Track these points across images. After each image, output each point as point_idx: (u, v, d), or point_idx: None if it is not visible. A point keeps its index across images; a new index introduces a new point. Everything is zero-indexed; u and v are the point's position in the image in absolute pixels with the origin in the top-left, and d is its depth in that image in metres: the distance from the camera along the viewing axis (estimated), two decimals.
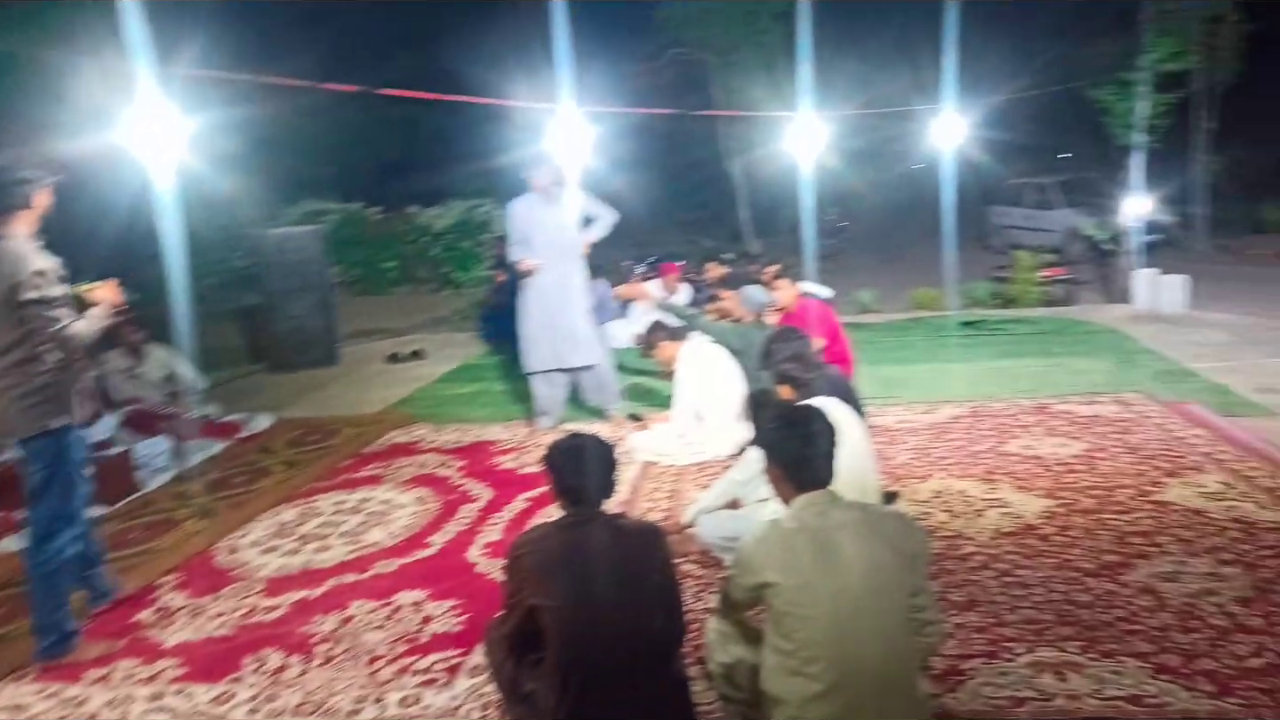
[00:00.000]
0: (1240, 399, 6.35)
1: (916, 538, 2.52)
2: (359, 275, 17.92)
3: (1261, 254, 15.97)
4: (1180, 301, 9.90)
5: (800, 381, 4.08)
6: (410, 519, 5.05)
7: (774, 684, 2.45)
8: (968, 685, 3.10)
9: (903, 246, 19.58)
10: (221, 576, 4.44)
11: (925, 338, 9.48)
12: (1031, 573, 3.89)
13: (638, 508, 4.98)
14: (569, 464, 2.78)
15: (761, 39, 20.08)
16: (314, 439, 6.78)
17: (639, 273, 12.14)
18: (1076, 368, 7.60)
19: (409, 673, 3.43)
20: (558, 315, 6.47)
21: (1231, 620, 3.39)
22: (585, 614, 2.62)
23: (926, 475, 5.19)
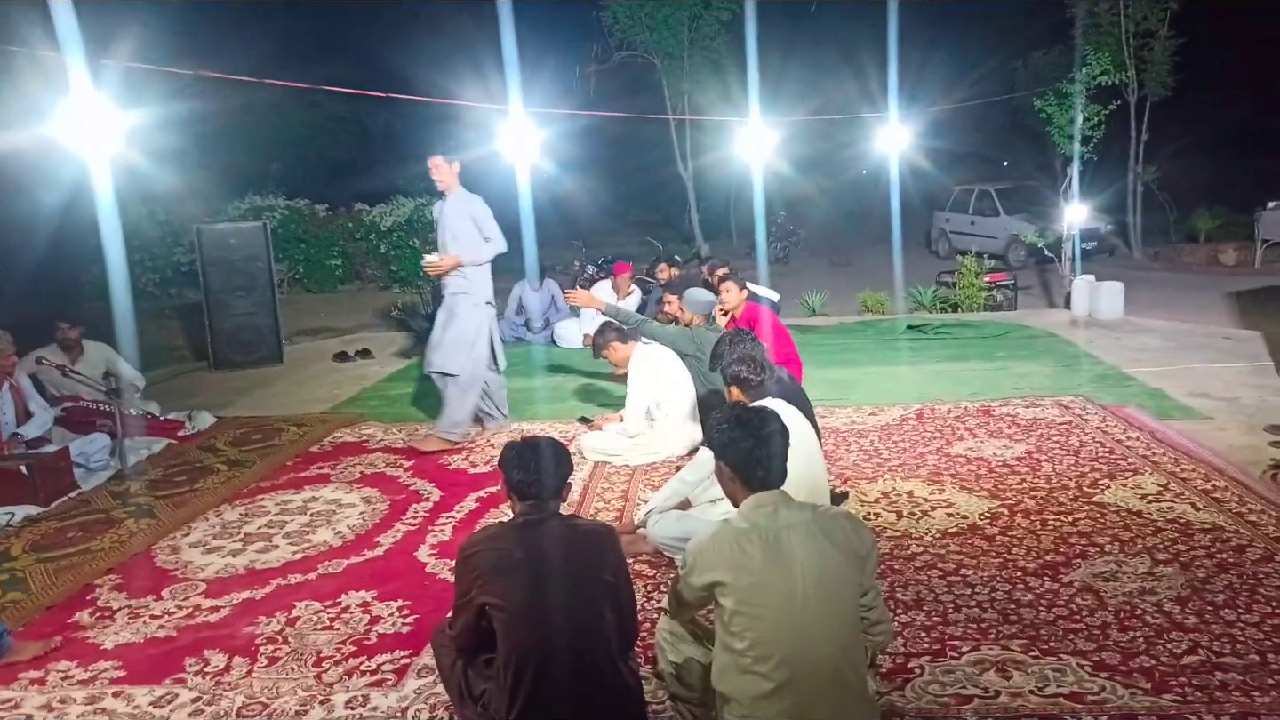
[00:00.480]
0: (1175, 403, 6.54)
1: (865, 538, 2.55)
2: (305, 272, 17.65)
3: (1193, 262, 16.47)
4: (1117, 308, 10.17)
5: (751, 383, 4.12)
6: (358, 519, 4.98)
7: (725, 683, 2.46)
8: (914, 683, 3.15)
9: (851, 251, 19.84)
10: (162, 577, 4.34)
11: (872, 341, 9.62)
12: (976, 572, 3.97)
13: (589, 508, 4.98)
14: (523, 461, 2.78)
15: (709, 44, 20.22)
16: (258, 438, 6.66)
17: (590, 273, 12.13)
18: (1019, 371, 7.77)
19: (356, 674, 3.38)
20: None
21: (1168, 618, 3.49)
22: (537, 614, 2.61)
23: (874, 476, 5.26)
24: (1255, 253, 15.66)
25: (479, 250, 6.13)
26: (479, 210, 6.17)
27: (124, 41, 8.07)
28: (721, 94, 19.64)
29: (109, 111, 6.32)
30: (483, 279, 6.21)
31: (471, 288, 6.15)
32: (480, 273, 6.19)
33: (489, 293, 6.26)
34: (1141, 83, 16.76)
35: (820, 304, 11.72)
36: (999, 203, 18.67)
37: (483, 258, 6.16)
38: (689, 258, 16.08)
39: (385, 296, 15.49)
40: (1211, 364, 7.71)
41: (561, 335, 10.06)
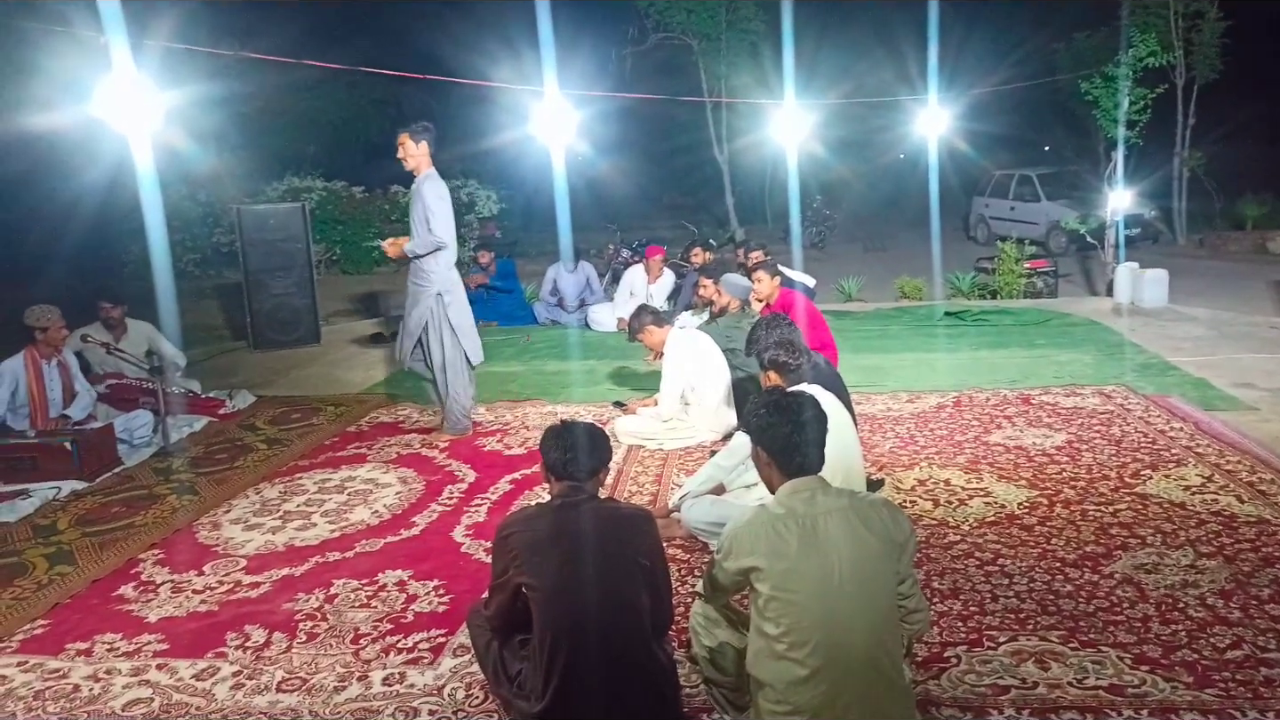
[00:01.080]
0: (1220, 393, 6.42)
1: (903, 526, 2.53)
2: (341, 254, 17.80)
3: (1239, 250, 16.13)
4: (1160, 296, 9.99)
5: (789, 367, 4.09)
6: (394, 498, 5.03)
7: (759, 668, 2.45)
8: (951, 672, 3.13)
9: (887, 236, 19.65)
10: (204, 552, 4.41)
11: (909, 328, 9.52)
12: (1014, 562, 3.92)
13: (623, 492, 4.99)
14: (560, 441, 2.79)
15: (746, 26, 20.03)
16: (297, 417, 6.74)
17: (625, 256, 12.11)
18: (1059, 359, 7.66)
19: (393, 651, 3.42)
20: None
21: (1211, 612, 3.43)
22: (572, 595, 2.62)
23: (911, 464, 5.22)
24: None
25: (422, 240, 5.82)
26: (429, 196, 5.81)
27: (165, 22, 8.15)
28: (758, 77, 19.47)
29: (150, 92, 6.41)
30: (435, 269, 5.87)
31: (422, 277, 5.90)
32: (431, 262, 5.86)
33: (442, 283, 5.89)
34: (1189, 65, 16.39)
35: (856, 289, 11.63)
36: (1040, 188, 18.38)
37: (420, 250, 5.83)
38: (724, 242, 16.02)
39: None
40: (1257, 354, 7.55)
41: (595, 319, 10.07)
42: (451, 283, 5.96)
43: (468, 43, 19.59)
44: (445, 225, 5.83)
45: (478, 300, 10.65)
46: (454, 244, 5.96)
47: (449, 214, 5.88)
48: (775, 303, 6.45)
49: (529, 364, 8.41)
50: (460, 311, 5.99)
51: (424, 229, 5.81)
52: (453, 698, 3.12)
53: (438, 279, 5.89)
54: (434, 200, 5.80)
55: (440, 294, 5.90)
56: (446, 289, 5.92)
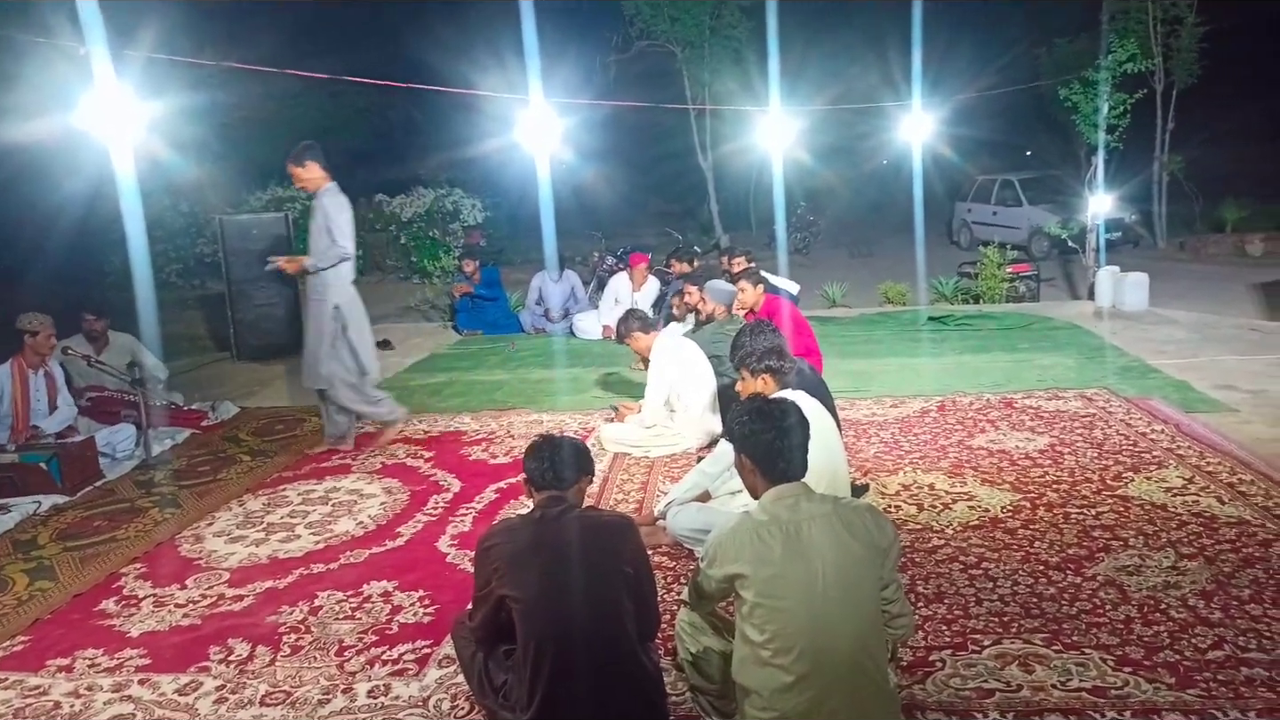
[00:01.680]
0: (1201, 395, 6.47)
1: (887, 531, 2.54)
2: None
3: (1219, 253, 16.27)
4: (1141, 299, 10.06)
5: (780, 372, 4.10)
6: (379, 509, 5.01)
7: (744, 675, 2.46)
8: (936, 676, 3.14)
9: (872, 242, 19.73)
10: (187, 566, 4.38)
11: (893, 333, 9.56)
12: (998, 566, 3.94)
13: (608, 499, 4.98)
14: (540, 453, 2.80)
15: (730, 33, 20.11)
16: (280, 428, 6.71)
17: (609, 263, 12.12)
18: (1042, 363, 7.71)
19: (378, 663, 3.41)
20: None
21: (1192, 613, 3.46)
22: (555, 605, 2.62)
23: (895, 469, 5.24)
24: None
25: (324, 253, 5.76)
26: (330, 208, 5.75)
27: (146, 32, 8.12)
28: (742, 83, 19.54)
29: (132, 102, 6.38)
30: (335, 281, 5.81)
31: (317, 291, 5.83)
32: (333, 274, 5.79)
33: (339, 295, 5.82)
34: (1168, 70, 16.55)
35: (840, 295, 11.67)
36: (1022, 193, 18.51)
37: (322, 263, 5.76)
38: (708, 248, 16.05)
39: (406, 287, 15.55)
40: (1238, 356, 7.62)
41: (580, 327, 10.07)
42: (350, 296, 5.89)
43: (453, 50, 19.59)
44: (349, 236, 5.78)
45: (463, 309, 10.70)
46: (353, 260, 5.93)
47: (351, 225, 5.84)
48: (761, 309, 6.47)
49: (514, 372, 8.41)
50: (358, 323, 5.92)
51: (326, 240, 5.74)
52: (438, 709, 3.11)
53: (334, 292, 5.81)
54: (335, 211, 5.75)
55: (338, 305, 5.82)
56: (344, 301, 5.85)
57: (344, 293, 5.88)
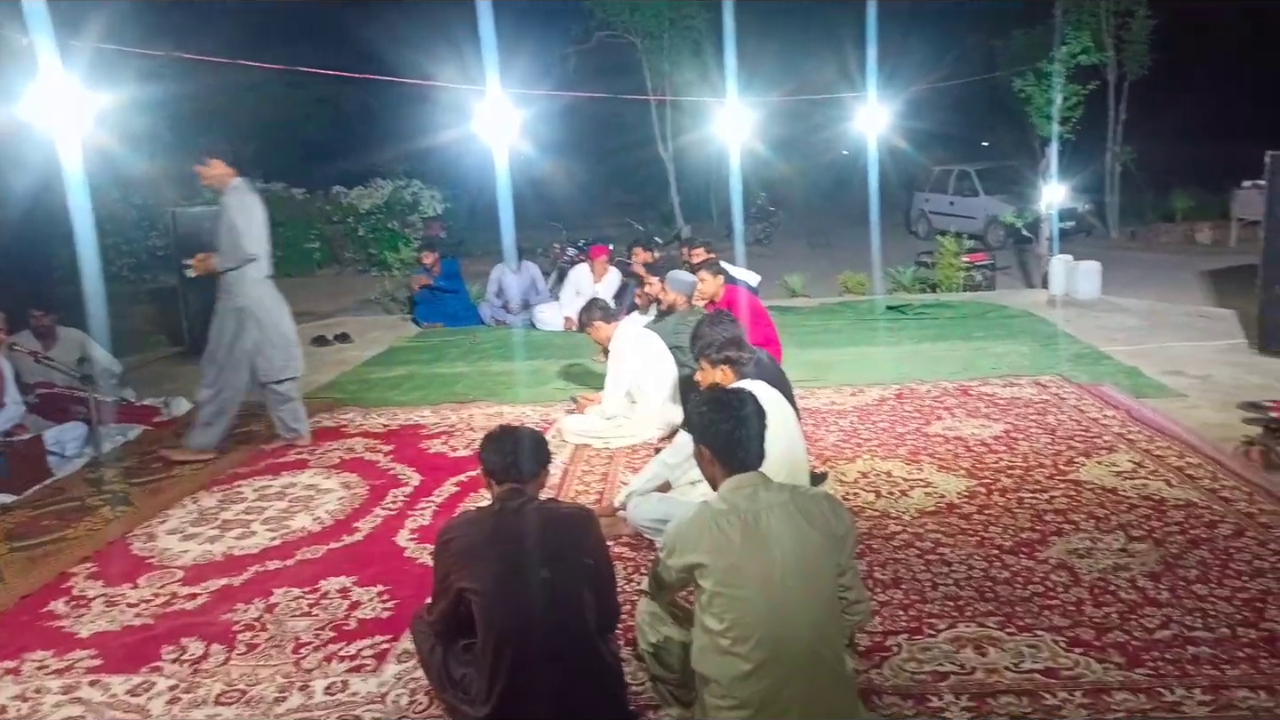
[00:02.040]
0: (1150, 381, 6.60)
1: (843, 518, 2.56)
2: (282, 256, 17.51)
3: (1169, 241, 16.59)
4: (1093, 287, 10.23)
5: (740, 363, 4.11)
6: (337, 504, 4.96)
7: (704, 664, 2.47)
8: (892, 661, 3.17)
9: (831, 232, 19.86)
10: (139, 564, 4.31)
11: (852, 322, 9.64)
12: (953, 551, 4.00)
13: (569, 491, 4.98)
14: (500, 446, 2.79)
15: (689, 24, 20.11)
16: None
17: (570, 255, 12.08)
18: (997, 351, 7.82)
19: (335, 659, 3.37)
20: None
21: (1141, 594, 3.53)
22: (515, 598, 2.61)
23: (854, 457, 5.29)
24: (1230, 232, 15.80)
25: (228, 254, 5.58)
26: (231, 209, 5.56)
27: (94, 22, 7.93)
28: (702, 74, 19.57)
29: (79, 93, 6.23)
30: (240, 283, 5.62)
31: (226, 293, 5.67)
32: (238, 276, 5.61)
33: (246, 298, 5.64)
34: (1120, 62, 16.83)
35: (800, 285, 11.74)
36: (978, 183, 18.74)
37: (227, 264, 5.58)
38: (669, 239, 16.05)
39: (365, 280, 15.39)
40: (1186, 342, 7.78)
41: (541, 318, 10.04)
42: (258, 298, 5.69)
43: (409, 41, 19.40)
44: (253, 237, 5.57)
45: (422, 301, 10.61)
46: (265, 258, 5.72)
47: (257, 225, 5.61)
48: (721, 300, 6.49)
49: (475, 365, 8.36)
50: (264, 328, 5.70)
51: (230, 241, 5.57)
52: (396, 704, 3.09)
53: (241, 294, 5.63)
54: (236, 213, 5.56)
55: (241, 308, 5.64)
56: (251, 303, 5.66)
57: (251, 294, 5.64)
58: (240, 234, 5.54)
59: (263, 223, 5.71)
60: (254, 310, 5.68)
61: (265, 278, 5.77)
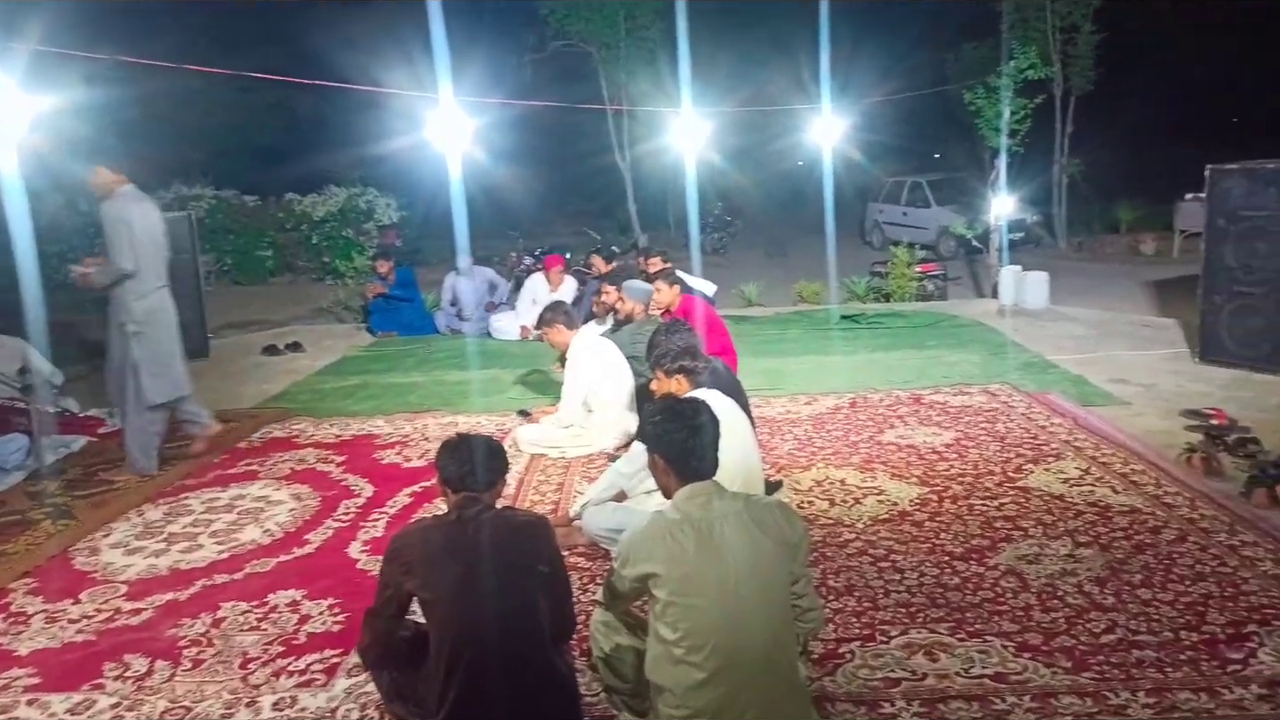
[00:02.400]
0: (1097, 389, 6.73)
1: (796, 527, 2.58)
2: (233, 264, 17.26)
3: (1114, 252, 16.96)
4: (1042, 297, 10.42)
5: (694, 372, 4.12)
6: (287, 516, 4.88)
7: (658, 673, 2.47)
8: (845, 667, 3.20)
9: (787, 241, 20.02)
10: (81, 579, 4.20)
11: (807, 331, 9.72)
12: (905, 558, 4.04)
13: (525, 501, 4.95)
14: (457, 454, 2.75)
15: (644, 34, 20.18)
16: (183, 434, 6.47)
17: (527, 264, 12.05)
18: (948, 360, 7.93)
19: (284, 674, 3.32)
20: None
21: (1088, 599, 3.60)
22: (471, 607, 2.59)
23: (808, 465, 5.32)
24: (1173, 243, 16.20)
25: (107, 268, 5.37)
26: (106, 222, 5.35)
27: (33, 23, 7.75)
28: (657, 84, 19.64)
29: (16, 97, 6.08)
30: (122, 299, 5.41)
31: (111, 307, 5.47)
32: (120, 291, 5.40)
33: (128, 314, 5.42)
34: (1066, 77, 17.19)
35: (756, 294, 11.81)
36: (930, 194, 19.02)
37: (103, 279, 5.39)
38: (626, 248, 16.08)
39: (318, 289, 15.20)
40: (1131, 351, 7.95)
41: (498, 327, 9.99)
42: (141, 314, 5.45)
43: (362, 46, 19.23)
44: (127, 252, 5.31)
45: (377, 310, 10.51)
46: (150, 272, 5.46)
47: (134, 239, 5.34)
48: (677, 309, 6.50)
49: (430, 374, 8.29)
50: (146, 344, 5.49)
51: (115, 254, 5.34)
52: (346, 719, 3.04)
53: (123, 310, 5.42)
54: (110, 226, 5.32)
55: (122, 324, 5.43)
56: (134, 320, 5.43)
57: (134, 310, 5.42)
58: (112, 248, 5.29)
59: (149, 235, 5.43)
60: (131, 326, 5.43)
61: (154, 291, 5.51)
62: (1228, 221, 7.00)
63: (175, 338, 5.67)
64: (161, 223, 5.56)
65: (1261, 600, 3.52)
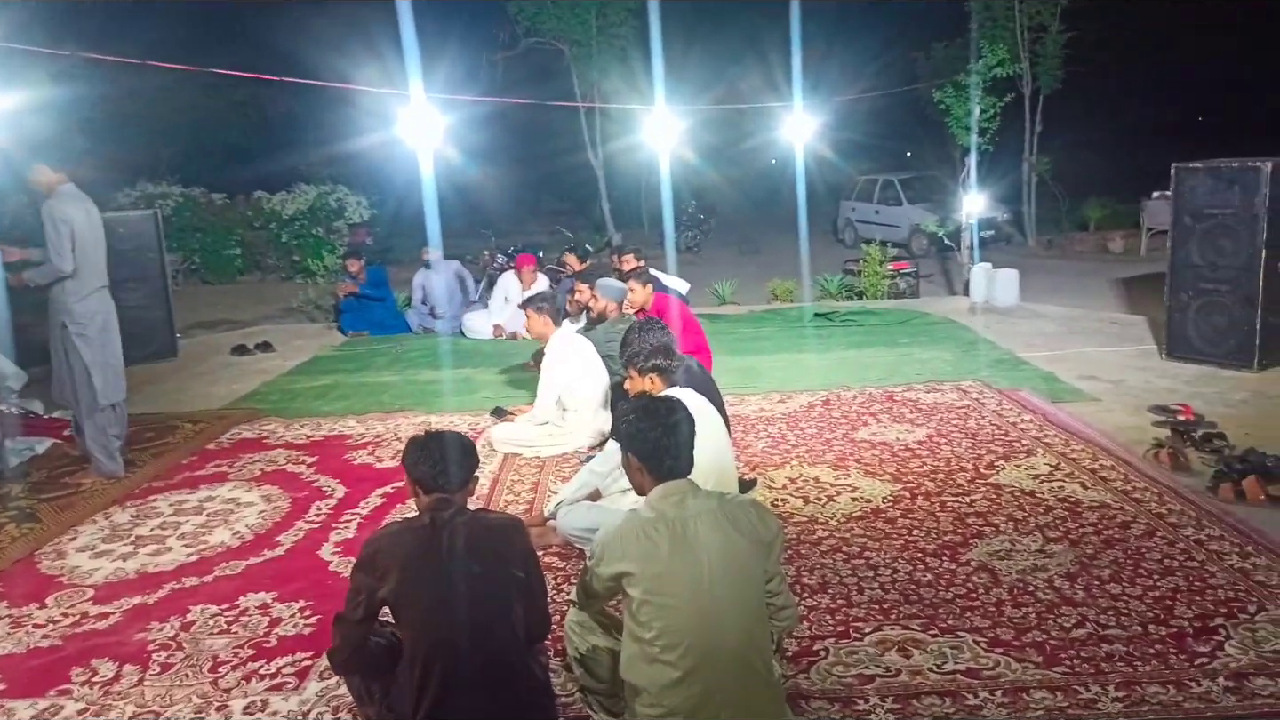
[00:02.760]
0: (1066, 386, 6.80)
1: (770, 525, 2.58)
2: (202, 263, 17.06)
3: (1083, 250, 17.15)
4: (1012, 294, 10.52)
5: (668, 370, 4.11)
6: (258, 518, 4.83)
7: (633, 672, 2.46)
8: (819, 665, 3.21)
9: (760, 239, 20.08)
10: (46, 584, 4.13)
11: (781, 329, 9.75)
12: (879, 555, 4.06)
13: (499, 501, 4.93)
14: (428, 454, 2.72)
15: (616, 31, 20.17)
16: (150, 435, 6.39)
17: (500, 263, 12.00)
18: (920, 357, 7.98)
19: (255, 678, 3.28)
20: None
21: (1058, 594, 3.63)
22: (445, 611, 2.57)
23: (782, 463, 5.34)
24: (1141, 240, 16.40)
25: (44, 268, 5.28)
26: (46, 219, 5.23)
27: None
28: (629, 82, 19.63)
29: None
30: (61, 298, 5.33)
31: (51, 309, 5.39)
32: (58, 290, 5.32)
33: (68, 314, 5.34)
34: (1035, 75, 17.36)
35: (730, 292, 11.84)
36: (902, 192, 19.13)
37: (38, 279, 5.29)
38: (600, 246, 16.07)
39: (288, 288, 15.06)
40: (1100, 348, 8.04)
41: (470, 326, 9.94)
42: (81, 314, 5.38)
43: (332, 44, 19.08)
44: (66, 253, 5.22)
45: (348, 309, 10.42)
46: (90, 273, 5.38)
47: (76, 238, 5.25)
48: (651, 308, 6.50)
49: (402, 373, 8.23)
50: (92, 345, 5.42)
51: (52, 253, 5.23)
52: None
53: (62, 309, 5.34)
54: (51, 225, 5.20)
55: (65, 324, 5.36)
56: (75, 320, 5.36)
57: (74, 311, 5.35)
58: (51, 248, 5.21)
59: (91, 234, 5.38)
60: (73, 327, 5.36)
61: (94, 292, 5.44)
62: (1193, 219, 7.09)
63: (117, 342, 5.61)
64: (101, 223, 5.53)
65: (1228, 594, 3.57)
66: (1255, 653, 3.16)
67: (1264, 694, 2.95)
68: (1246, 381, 6.67)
